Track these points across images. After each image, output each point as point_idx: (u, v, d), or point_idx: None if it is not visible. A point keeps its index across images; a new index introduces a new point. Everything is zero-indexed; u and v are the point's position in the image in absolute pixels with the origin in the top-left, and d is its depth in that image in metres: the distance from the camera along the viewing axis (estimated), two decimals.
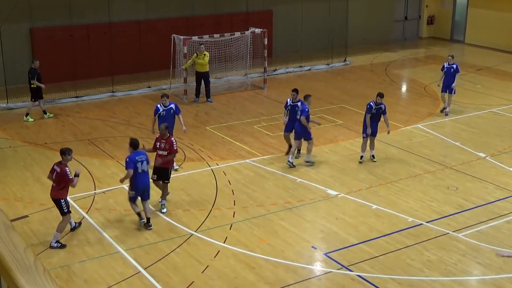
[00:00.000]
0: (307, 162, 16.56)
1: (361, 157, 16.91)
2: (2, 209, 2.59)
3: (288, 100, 16.89)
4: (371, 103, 16.76)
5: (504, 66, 28.23)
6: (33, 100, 20.06)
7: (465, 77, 25.96)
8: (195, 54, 21.96)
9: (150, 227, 13.04)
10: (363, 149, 16.94)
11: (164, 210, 13.89)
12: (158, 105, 16.08)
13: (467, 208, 14.38)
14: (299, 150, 16.97)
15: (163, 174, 13.99)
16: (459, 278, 11.61)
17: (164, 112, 15.87)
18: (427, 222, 13.65)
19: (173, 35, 23.13)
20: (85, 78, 23.07)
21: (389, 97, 22.28)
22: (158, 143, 14.02)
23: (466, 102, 22.47)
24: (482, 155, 17.64)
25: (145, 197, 13.17)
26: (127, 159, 13.02)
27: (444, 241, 12.90)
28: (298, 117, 16.40)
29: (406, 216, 13.88)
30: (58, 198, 12.33)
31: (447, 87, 20.85)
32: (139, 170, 12.98)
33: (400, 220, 13.68)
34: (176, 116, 16.05)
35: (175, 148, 13.95)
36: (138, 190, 13.10)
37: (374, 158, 16.98)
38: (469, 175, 16.25)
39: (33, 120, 20.14)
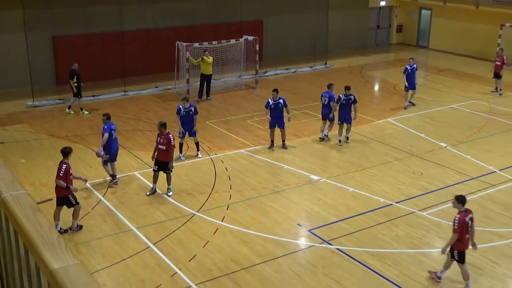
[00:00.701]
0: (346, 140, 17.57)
1: (339, 141, 17.33)
2: (29, 193, 2.60)
3: (270, 99, 16.72)
4: (340, 95, 17.25)
5: (462, 68, 28.24)
6: (78, 96, 20.23)
7: (429, 78, 26.01)
8: (201, 59, 21.90)
9: (116, 182, 14.34)
10: (339, 133, 17.31)
11: (170, 194, 13.88)
12: (180, 106, 15.93)
13: (431, 190, 14.43)
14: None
15: (163, 166, 13.82)
16: (424, 250, 11.67)
17: (184, 112, 15.78)
18: (396, 203, 13.70)
19: (177, 42, 23.05)
20: (101, 79, 23.00)
21: (363, 95, 22.32)
22: (158, 139, 13.86)
23: (430, 99, 22.50)
24: (444, 144, 17.68)
25: (114, 159, 14.35)
26: (105, 127, 14.02)
27: (411, 218, 12.95)
28: (325, 102, 17.55)
29: (379, 198, 13.92)
30: (64, 195, 11.93)
31: (412, 85, 21.16)
32: (113, 137, 14.17)
33: (373, 201, 13.73)
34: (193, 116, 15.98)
35: (172, 144, 13.74)
36: (112, 154, 14.19)
37: (348, 139, 17.49)
38: (432, 162, 16.30)
39: (73, 113, 20.33)
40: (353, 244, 11.80)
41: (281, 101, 16.61)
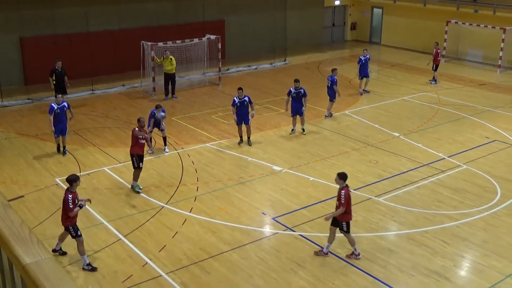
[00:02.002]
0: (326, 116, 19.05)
1: (292, 130, 17.68)
2: (0, 191, 2.53)
3: (235, 98, 16.52)
4: (291, 89, 17.43)
5: (412, 62, 28.70)
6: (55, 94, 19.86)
7: (382, 72, 26.34)
8: (162, 58, 21.68)
9: (65, 153, 15.77)
10: (293, 124, 17.66)
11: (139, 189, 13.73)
12: (153, 111, 15.71)
13: (386, 177, 14.63)
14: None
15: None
16: (380, 234, 11.84)
17: (156, 117, 15.67)
18: (354, 190, 13.82)
19: (142, 41, 22.78)
20: (68, 79, 22.56)
21: (321, 90, 22.42)
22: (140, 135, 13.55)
23: (383, 92, 22.80)
24: (397, 134, 17.94)
25: (64, 133, 15.75)
26: (49, 107, 15.55)
27: (368, 204, 13.12)
28: (328, 85, 19.07)
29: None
30: (66, 225, 10.39)
31: (365, 74, 22.18)
32: (58, 117, 15.47)
33: (333, 189, 13.80)
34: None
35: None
36: (58, 129, 15.56)
37: (304, 131, 17.65)
38: (386, 150, 16.53)
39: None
40: (315, 230, 11.88)
41: (246, 98, 16.53)
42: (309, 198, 13.40)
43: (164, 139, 16.29)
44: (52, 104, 15.70)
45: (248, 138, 16.87)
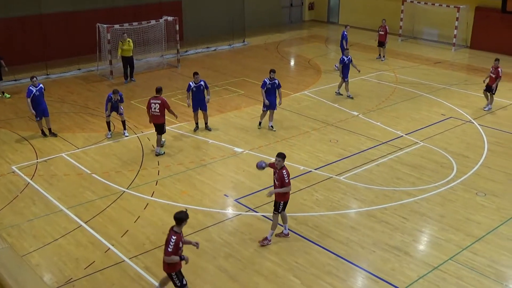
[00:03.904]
0: None
1: (259, 123, 16.79)
2: None
3: (191, 83, 16.15)
4: (265, 80, 16.25)
5: (369, 42, 28.96)
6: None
7: (339, 52, 26.45)
8: (120, 42, 21.26)
9: (56, 135, 15.86)
10: (262, 117, 16.75)
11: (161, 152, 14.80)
12: (111, 94, 15.53)
13: (346, 156, 14.81)
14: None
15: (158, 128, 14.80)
16: (342, 212, 12.01)
17: (113, 102, 15.53)
18: (315, 169, 13.98)
19: (98, 24, 22.28)
20: (22, 63, 21.95)
21: (281, 70, 22.47)
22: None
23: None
24: (356, 113, 18.15)
25: (46, 114, 15.77)
26: (27, 91, 15.42)
27: (329, 183, 13.27)
28: (343, 43, 21.02)
29: (299, 165, 14.15)
30: (168, 272, 8.69)
31: (346, 76, 19.73)
32: (38, 99, 15.44)
33: (294, 169, 13.94)
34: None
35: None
36: (39, 112, 15.55)
37: (273, 128, 16.52)
38: (346, 130, 16.71)
39: (10, 96, 19.68)
40: None
41: (202, 83, 16.23)
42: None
43: (123, 123, 16.07)
44: (30, 87, 15.52)
45: (206, 124, 16.61)
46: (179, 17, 24.82)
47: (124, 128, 16.07)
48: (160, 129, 14.77)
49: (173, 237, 8.32)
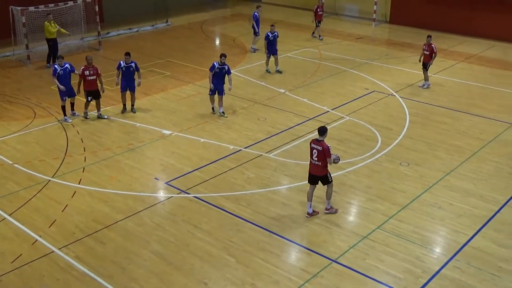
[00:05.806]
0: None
1: (212, 108, 16.26)
2: None
3: (121, 62, 15.86)
4: (214, 63, 15.79)
5: (293, 19, 29.22)
6: None
7: (264, 30, 26.53)
8: (47, 23, 20.40)
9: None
10: (212, 102, 16.21)
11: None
12: (56, 65, 15.55)
13: (274, 134, 14.97)
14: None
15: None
16: (273, 188, 12.18)
17: (61, 71, 15.44)
18: (245, 148, 14.06)
19: (11, 6, 21.21)
20: None
21: (206, 50, 22.33)
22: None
23: None
24: (282, 90, 18.33)
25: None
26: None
27: (259, 161, 13.39)
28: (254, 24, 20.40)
29: (228, 145, 14.18)
30: (324, 174, 10.94)
31: (273, 52, 19.97)
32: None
33: (224, 148, 13.97)
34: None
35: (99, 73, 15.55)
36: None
37: (224, 114, 16.01)
38: (274, 107, 16.86)
39: None
40: (209, 190, 11.97)
41: (132, 64, 15.90)
42: (201, 159, 13.42)
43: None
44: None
45: (132, 106, 16.37)
46: None
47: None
48: (97, 94, 15.68)
49: (326, 144, 10.69)
